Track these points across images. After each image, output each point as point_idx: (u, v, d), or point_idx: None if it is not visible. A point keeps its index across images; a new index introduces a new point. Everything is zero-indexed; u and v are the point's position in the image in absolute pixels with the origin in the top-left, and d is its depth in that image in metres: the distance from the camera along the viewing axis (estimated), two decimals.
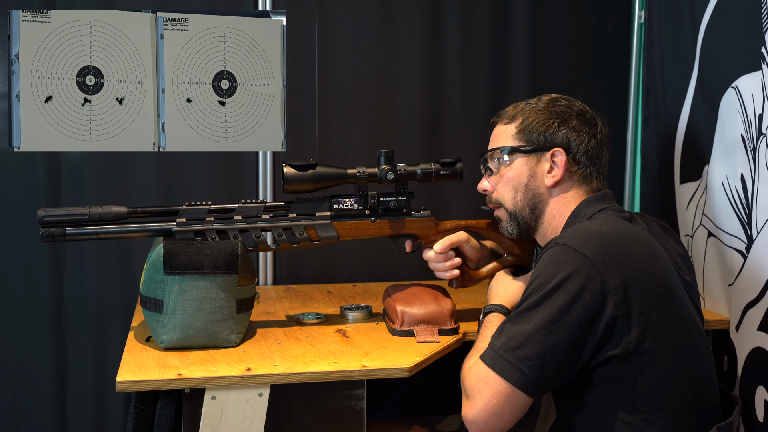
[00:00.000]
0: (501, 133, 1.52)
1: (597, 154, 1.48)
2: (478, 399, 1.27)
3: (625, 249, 1.28)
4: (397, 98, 2.18)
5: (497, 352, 1.26)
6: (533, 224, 1.51)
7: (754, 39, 1.61)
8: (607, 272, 1.25)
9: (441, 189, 2.19)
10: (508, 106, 1.54)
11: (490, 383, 1.26)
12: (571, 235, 1.31)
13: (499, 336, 1.29)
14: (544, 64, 2.26)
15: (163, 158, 2.06)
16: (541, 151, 1.47)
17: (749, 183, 1.65)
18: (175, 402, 1.46)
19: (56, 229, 1.51)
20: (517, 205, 1.50)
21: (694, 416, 1.31)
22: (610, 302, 1.24)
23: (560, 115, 1.48)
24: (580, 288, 1.24)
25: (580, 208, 1.45)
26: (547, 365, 1.24)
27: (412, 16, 2.17)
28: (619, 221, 1.38)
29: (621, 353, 1.26)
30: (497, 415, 1.26)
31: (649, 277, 1.28)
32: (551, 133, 1.46)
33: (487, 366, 1.27)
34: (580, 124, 1.47)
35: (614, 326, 1.25)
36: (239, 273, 1.49)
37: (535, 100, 1.52)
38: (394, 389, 2.25)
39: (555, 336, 1.24)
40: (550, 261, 1.29)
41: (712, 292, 1.80)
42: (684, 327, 1.31)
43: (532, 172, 1.48)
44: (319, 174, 1.57)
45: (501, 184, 1.51)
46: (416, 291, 1.68)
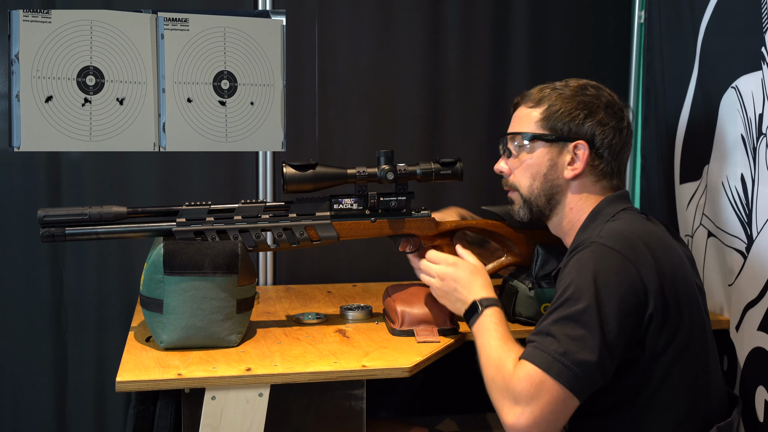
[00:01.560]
0: (524, 117, 1.48)
1: (621, 149, 1.44)
2: (533, 405, 1.20)
3: (659, 253, 1.27)
4: (397, 98, 2.18)
5: (553, 356, 1.21)
6: (547, 213, 1.48)
7: (754, 39, 1.61)
8: (647, 275, 1.24)
9: (441, 189, 2.19)
10: (534, 88, 1.49)
11: (547, 388, 1.20)
12: (608, 236, 1.28)
13: (549, 339, 1.23)
14: (544, 64, 2.26)
15: (163, 158, 2.06)
16: (564, 142, 1.43)
17: (749, 183, 1.65)
18: (175, 402, 1.46)
19: (56, 229, 1.51)
20: (534, 193, 1.47)
21: (700, 417, 1.32)
22: (651, 305, 1.24)
23: (588, 105, 1.43)
24: (626, 290, 1.23)
25: (603, 206, 1.42)
26: (603, 369, 1.22)
27: (412, 16, 2.17)
28: (646, 223, 1.36)
29: (648, 355, 1.26)
30: (554, 422, 1.21)
31: (679, 282, 1.28)
32: (577, 125, 1.42)
33: (541, 369, 1.21)
34: (607, 117, 1.42)
35: (649, 328, 1.25)
36: (239, 273, 1.49)
37: (561, 85, 1.46)
38: (394, 389, 2.25)
39: (609, 339, 1.21)
40: (591, 260, 1.26)
41: (712, 292, 1.80)
42: (704, 333, 1.32)
43: (552, 163, 1.44)
44: (319, 174, 1.57)
45: (520, 170, 1.48)
46: (416, 291, 1.67)
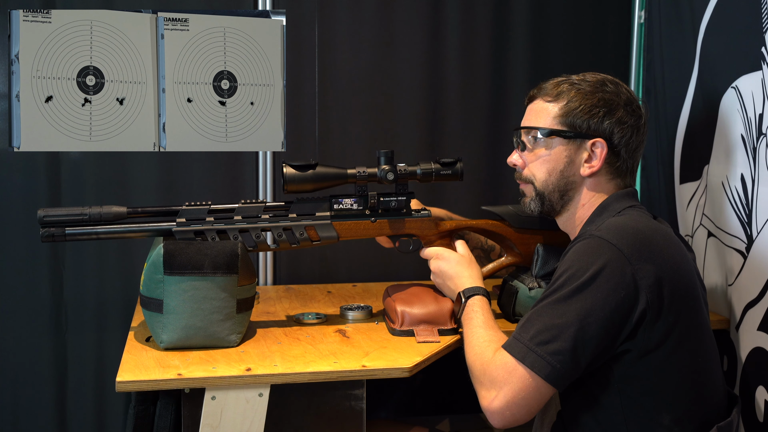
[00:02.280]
0: (542, 111, 1.46)
1: (636, 147, 1.44)
2: (505, 390, 1.25)
3: (660, 248, 1.27)
4: (397, 98, 2.18)
5: (526, 345, 1.25)
6: (558, 208, 1.48)
7: (754, 39, 1.61)
8: (641, 269, 1.24)
9: (441, 189, 2.19)
10: (549, 81, 1.47)
11: (518, 376, 1.25)
12: (607, 229, 1.29)
13: (526, 327, 1.27)
14: (545, 64, 2.26)
15: (163, 158, 2.06)
16: (582, 139, 1.42)
17: (749, 183, 1.65)
18: (175, 402, 1.46)
19: (56, 229, 1.51)
20: (548, 188, 1.46)
21: (699, 418, 1.31)
22: (642, 299, 1.24)
23: (608, 103, 1.41)
24: (615, 284, 1.23)
25: (610, 201, 1.42)
26: (577, 359, 1.24)
27: (412, 16, 2.17)
28: (652, 220, 1.36)
29: (639, 350, 1.26)
30: (525, 407, 1.25)
31: (679, 279, 1.27)
32: (596, 122, 1.41)
33: (515, 358, 1.25)
34: (626, 115, 1.41)
35: (641, 323, 1.25)
36: (239, 273, 1.49)
37: (579, 79, 1.44)
38: (394, 389, 2.25)
39: (588, 332, 1.23)
40: (584, 252, 1.27)
41: (712, 292, 1.80)
42: (703, 332, 1.32)
43: (570, 159, 1.44)
44: (319, 174, 1.57)
45: (536, 164, 1.47)
46: (416, 291, 1.67)
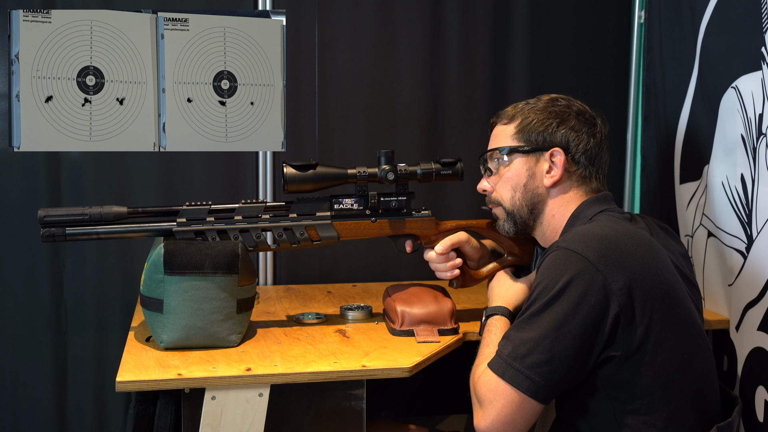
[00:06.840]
0: (500, 134, 1.52)
1: (596, 154, 1.48)
2: (490, 409, 1.26)
3: (627, 251, 1.28)
4: (397, 98, 2.18)
5: (505, 361, 1.26)
6: (531, 223, 1.51)
7: (754, 39, 1.61)
8: (609, 274, 1.25)
9: (441, 189, 2.19)
10: (508, 107, 1.54)
11: (501, 393, 1.25)
12: (572, 239, 1.30)
13: (506, 344, 1.28)
14: (544, 64, 2.26)
15: (163, 158, 2.06)
16: (539, 151, 1.47)
17: (749, 183, 1.65)
18: (175, 402, 1.46)
19: (56, 229, 1.51)
20: (516, 204, 1.50)
21: (694, 417, 1.31)
22: (614, 304, 1.24)
23: (559, 114, 1.47)
24: (584, 292, 1.24)
25: (581, 209, 1.45)
26: (556, 371, 1.24)
27: (412, 16, 2.17)
28: (621, 223, 1.37)
29: (621, 354, 1.26)
30: (510, 424, 1.25)
31: (651, 279, 1.28)
32: (550, 133, 1.46)
33: (496, 375, 1.26)
34: (579, 124, 1.47)
35: (617, 327, 1.25)
36: (239, 273, 1.49)
37: (534, 100, 1.52)
38: (394, 389, 2.25)
39: (562, 342, 1.24)
40: (553, 266, 1.28)
41: (712, 292, 1.80)
42: (685, 328, 1.31)
43: (531, 172, 1.48)
44: (320, 174, 1.57)
45: (500, 184, 1.51)
46: (416, 291, 1.67)
